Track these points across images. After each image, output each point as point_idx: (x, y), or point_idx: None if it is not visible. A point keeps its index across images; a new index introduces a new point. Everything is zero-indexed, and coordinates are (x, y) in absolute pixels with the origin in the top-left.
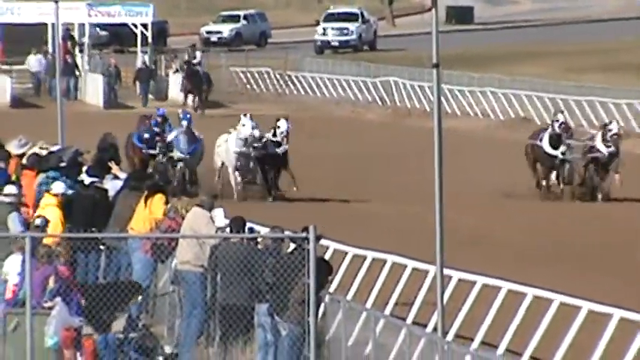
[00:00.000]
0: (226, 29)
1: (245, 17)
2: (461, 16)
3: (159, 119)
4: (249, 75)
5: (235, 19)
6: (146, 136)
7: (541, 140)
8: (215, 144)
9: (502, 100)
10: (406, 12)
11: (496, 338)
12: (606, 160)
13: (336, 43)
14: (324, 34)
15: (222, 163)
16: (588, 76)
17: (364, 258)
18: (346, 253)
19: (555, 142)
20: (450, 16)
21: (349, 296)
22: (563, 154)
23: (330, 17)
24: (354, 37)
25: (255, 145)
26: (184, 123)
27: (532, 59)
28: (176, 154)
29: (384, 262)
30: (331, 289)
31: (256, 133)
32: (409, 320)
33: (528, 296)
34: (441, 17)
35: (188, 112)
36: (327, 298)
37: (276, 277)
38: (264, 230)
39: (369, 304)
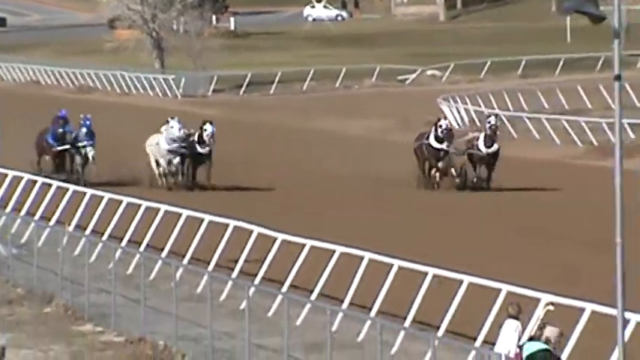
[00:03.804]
0: None
1: None
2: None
3: (60, 121)
4: None
5: None
6: (59, 131)
7: (427, 138)
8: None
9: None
10: None
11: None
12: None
13: None
14: None
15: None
16: (73, 58)
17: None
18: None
19: (440, 140)
20: None
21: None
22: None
23: None
24: None
25: (184, 144)
26: (84, 129)
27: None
28: (81, 143)
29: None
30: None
31: (182, 133)
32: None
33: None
34: None
35: (88, 117)
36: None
37: None
38: None
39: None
